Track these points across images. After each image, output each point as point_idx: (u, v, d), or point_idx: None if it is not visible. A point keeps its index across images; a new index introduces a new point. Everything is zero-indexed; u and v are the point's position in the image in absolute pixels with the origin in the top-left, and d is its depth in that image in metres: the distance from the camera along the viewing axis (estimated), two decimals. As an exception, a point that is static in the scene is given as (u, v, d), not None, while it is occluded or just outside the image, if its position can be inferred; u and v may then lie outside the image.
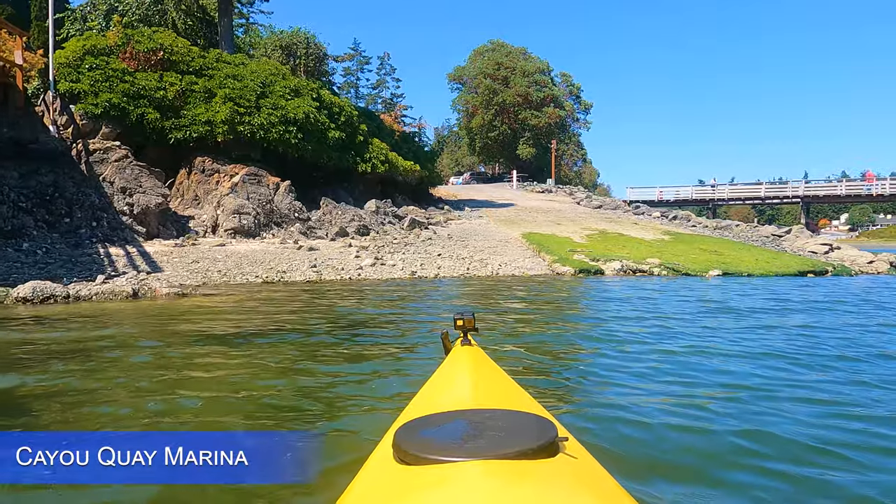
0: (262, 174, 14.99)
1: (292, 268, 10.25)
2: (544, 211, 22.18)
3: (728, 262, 12.37)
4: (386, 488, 0.92)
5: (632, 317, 6.26)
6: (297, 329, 5.23)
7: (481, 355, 1.68)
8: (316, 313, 6.23)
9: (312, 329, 5.25)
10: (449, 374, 1.56)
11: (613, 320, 6.01)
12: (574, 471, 0.92)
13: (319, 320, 5.75)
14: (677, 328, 5.54)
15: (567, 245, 14.22)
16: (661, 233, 17.47)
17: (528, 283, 10.09)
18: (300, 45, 28.98)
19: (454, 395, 1.33)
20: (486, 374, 1.50)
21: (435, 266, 11.29)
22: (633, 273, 11.74)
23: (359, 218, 15.89)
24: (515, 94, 47.75)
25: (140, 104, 14.61)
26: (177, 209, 14.88)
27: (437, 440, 0.96)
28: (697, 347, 4.58)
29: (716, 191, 48.09)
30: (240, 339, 4.70)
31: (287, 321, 5.63)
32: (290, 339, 4.77)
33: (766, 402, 3.09)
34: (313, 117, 16.21)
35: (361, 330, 5.28)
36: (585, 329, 5.67)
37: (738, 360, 4.16)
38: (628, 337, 5.01)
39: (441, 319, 5.62)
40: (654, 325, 5.64)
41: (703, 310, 6.86)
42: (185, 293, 7.19)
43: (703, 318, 6.24)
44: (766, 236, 17.87)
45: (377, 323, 5.74)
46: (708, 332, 5.33)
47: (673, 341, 4.85)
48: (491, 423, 1.02)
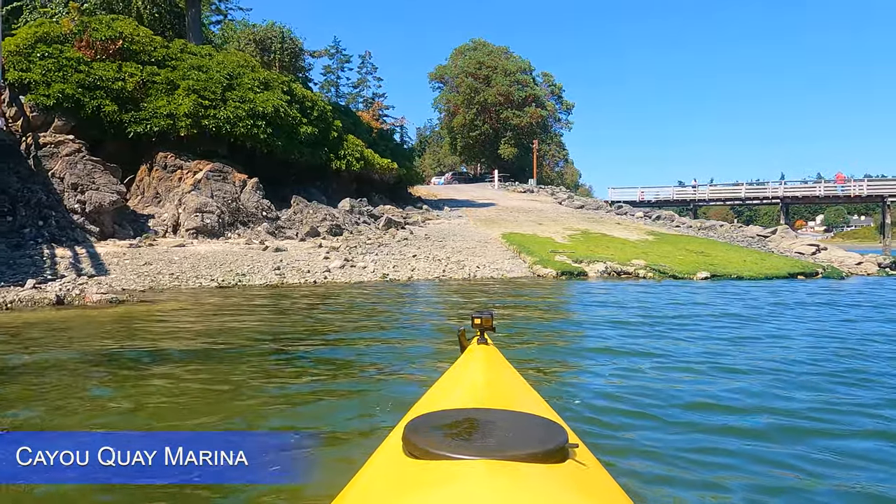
0: (228, 171, 14.17)
1: (254, 270, 9.49)
2: (525, 211, 21.60)
3: (716, 263, 11.85)
4: (393, 480, 0.91)
5: (629, 325, 5.65)
6: (225, 349, 4.41)
7: (497, 355, 1.66)
8: (261, 326, 5.45)
9: (244, 350, 4.41)
10: (463, 371, 1.54)
11: (609, 330, 5.40)
12: (581, 478, 0.90)
13: (259, 337, 4.95)
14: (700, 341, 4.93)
15: (549, 246, 13.62)
16: (644, 233, 16.96)
17: (508, 286, 9.45)
18: (275, 39, 28.08)
19: (467, 392, 1.32)
20: (500, 374, 1.49)
21: (409, 268, 10.59)
22: (618, 275, 11.16)
23: (331, 217, 15.14)
24: (497, 93, 47.37)
25: (96, 96, 13.71)
26: (136, 207, 14.01)
27: (447, 436, 0.94)
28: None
29: (696, 191, 48.19)
30: (146, 361, 3.90)
31: (222, 337, 4.84)
32: (208, 363, 3.93)
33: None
34: (283, 111, 15.42)
35: (303, 352, 4.37)
36: (577, 343, 5.01)
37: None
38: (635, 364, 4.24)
39: (385, 352, 4.48)
40: (665, 339, 5.02)
41: (727, 324, 6.07)
42: (121, 300, 6.41)
43: (724, 328, 5.58)
44: (752, 237, 17.46)
45: (323, 341, 4.93)
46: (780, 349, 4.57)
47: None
48: (502, 423, 1.01)
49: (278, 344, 4.70)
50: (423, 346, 4.70)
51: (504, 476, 0.81)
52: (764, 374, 3.78)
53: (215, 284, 8.46)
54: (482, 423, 1.01)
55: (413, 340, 4.94)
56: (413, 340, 4.94)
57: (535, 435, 0.95)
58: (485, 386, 1.35)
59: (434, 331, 5.45)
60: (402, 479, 0.89)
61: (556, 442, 0.92)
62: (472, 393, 1.30)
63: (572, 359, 4.36)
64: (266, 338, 4.93)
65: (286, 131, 15.73)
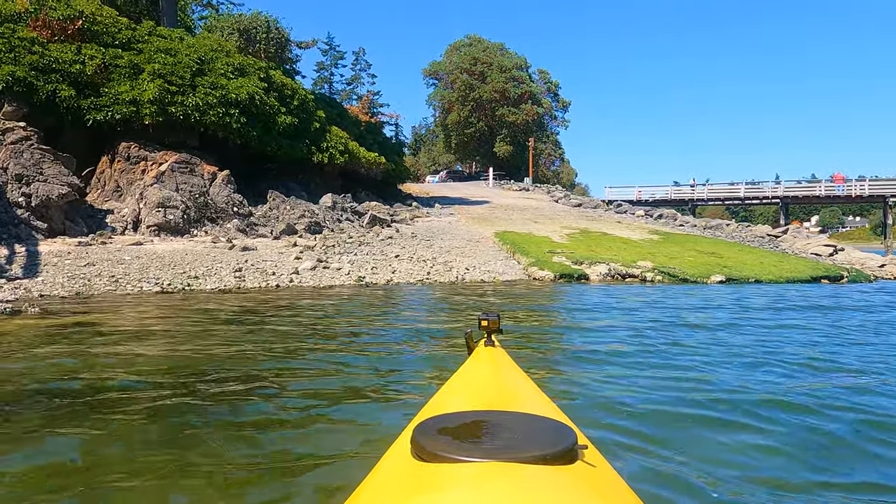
0: (196, 162, 12.99)
1: (210, 272, 8.33)
2: (520, 209, 20.48)
3: (730, 265, 10.74)
4: (402, 483, 0.89)
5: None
6: (104, 389, 3.02)
7: (504, 356, 1.64)
8: (156, 353, 3.93)
9: (135, 388, 3.05)
10: (470, 373, 1.52)
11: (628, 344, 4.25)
12: (591, 480, 0.87)
13: (165, 370, 3.45)
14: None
15: (545, 245, 12.50)
16: (647, 232, 15.86)
17: (499, 291, 8.32)
18: (260, 29, 26.85)
19: (475, 395, 1.31)
20: (507, 376, 1.47)
21: (389, 270, 9.44)
22: (623, 278, 10.04)
23: (310, 214, 13.99)
24: (492, 89, 46.38)
25: (51, 79, 12.51)
26: (95, 202, 12.82)
27: (455, 439, 0.92)
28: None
29: (695, 191, 47.35)
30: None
31: (85, 374, 3.34)
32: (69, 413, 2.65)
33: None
34: (259, 99, 14.24)
35: (198, 403, 2.84)
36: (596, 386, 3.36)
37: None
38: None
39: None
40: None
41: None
42: (19, 310, 5.25)
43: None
44: (762, 236, 16.38)
45: (237, 377, 3.35)
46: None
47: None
48: (510, 425, 0.98)
49: (170, 387, 3.11)
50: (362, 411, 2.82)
51: (513, 478, 0.80)
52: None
53: (158, 289, 7.28)
54: (490, 425, 0.99)
55: (356, 394, 3.05)
56: (356, 394, 3.05)
57: (544, 436, 0.92)
58: (492, 388, 1.36)
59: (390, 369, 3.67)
60: (410, 482, 0.87)
61: (565, 443, 0.89)
62: (480, 395, 1.29)
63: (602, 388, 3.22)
64: (151, 376, 3.34)
65: (262, 121, 14.56)
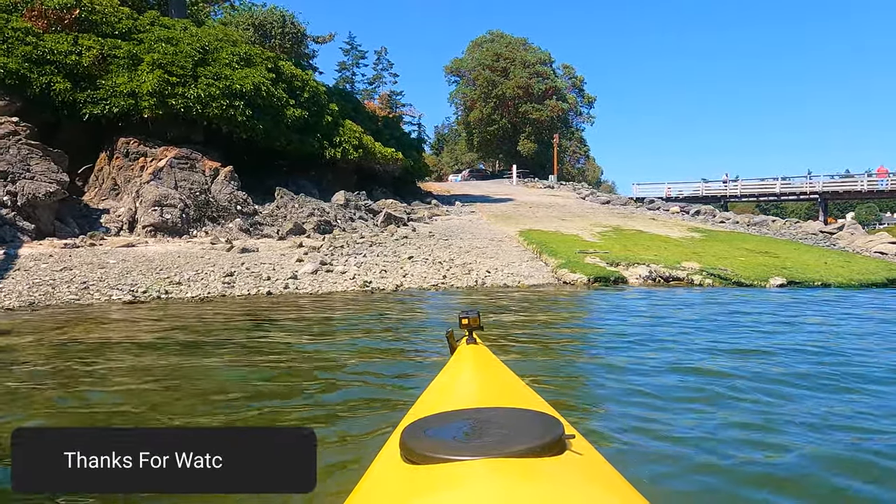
0: (197, 158, 12.13)
1: (198, 277, 7.38)
2: (546, 206, 19.29)
3: (789, 266, 9.45)
4: (394, 488, 0.89)
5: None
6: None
7: (487, 354, 1.63)
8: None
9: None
10: (454, 373, 1.51)
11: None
12: (581, 468, 0.89)
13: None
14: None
15: (576, 245, 11.33)
16: (687, 229, 14.55)
17: (524, 299, 7.20)
18: (275, 23, 26.16)
19: (460, 393, 1.30)
20: (491, 373, 1.46)
21: (400, 273, 8.40)
22: (667, 281, 8.84)
23: (321, 212, 13.03)
24: (515, 86, 45.15)
25: (46, 71, 11.77)
26: (91, 201, 12.05)
27: (444, 439, 0.92)
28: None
29: (727, 187, 45.24)
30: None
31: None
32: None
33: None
34: (266, 90, 13.33)
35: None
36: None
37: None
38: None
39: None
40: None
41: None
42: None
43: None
44: (814, 233, 14.96)
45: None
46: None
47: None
48: (497, 421, 0.98)
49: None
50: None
51: (505, 473, 0.80)
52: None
53: (129, 297, 6.36)
54: (478, 422, 0.98)
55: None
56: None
57: (532, 429, 0.93)
58: (477, 385, 1.34)
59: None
60: (402, 486, 0.86)
61: (553, 434, 0.90)
62: (466, 393, 1.28)
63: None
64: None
65: (270, 114, 13.65)
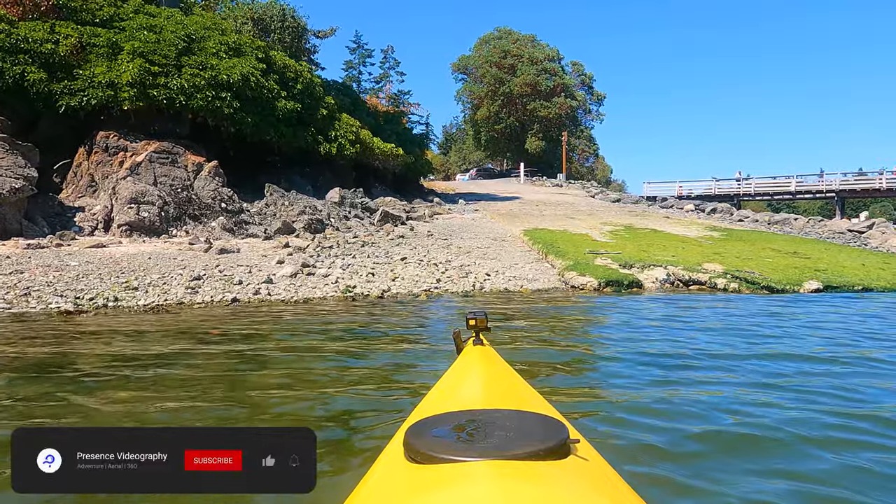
0: (179, 152, 11.37)
1: (159, 282, 6.60)
2: (554, 204, 18.40)
3: (822, 268, 8.53)
4: (396, 487, 0.89)
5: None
6: None
7: (493, 355, 1.62)
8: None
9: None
10: (460, 373, 1.51)
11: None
12: (585, 473, 0.88)
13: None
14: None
15: (585, 245, 10.46)
16: (704, 228, 13.63)
17: (527, 307, 6.36)
18: (275, 17, 25.41)
19: (465, 394, 1.30)
20: (497, 374, 1.45)
21: (389, 277, 7.57)
22: (686, 285, 7.96)
23: (312, 210, 12.23)
24: (523, 83, 44.21)
25: (19, 61, 11.06)
26: (68, 198, 11.32)
27: (448, 439, 0.91)
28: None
29: (741, 185, 43.90)
30: None
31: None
32: None
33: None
34: (255, 81, 12.56)
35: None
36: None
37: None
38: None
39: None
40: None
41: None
42: None
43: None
44: (841, 232, 14.00)
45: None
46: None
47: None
48: (501, 423, 0.97)
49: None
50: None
51: (508, 476, 0.79)
52: None
53: (71, 307, 5.58)
54: (482, 423, 0.98)
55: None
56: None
57: (537, 432, 0.92)
58: (483, 386, 1.34)
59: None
60: (405, 485, 0.86)
61: (557, 438, 0.89)
62: (471, 394, 1.28)
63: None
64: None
65: (260, 106, 12.88)
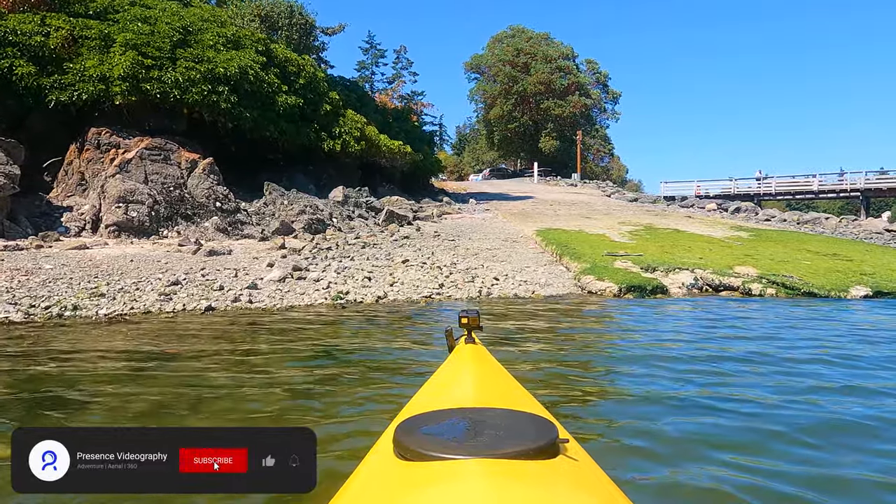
0: (172, 148, 10.80)
1: (131, 288, 5.99)
2: (568, 203, 17.63)
3: (869, 272, 7.70)
4: (386, 483, 0.89)
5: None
6: None
7: (485, 354, 1.63)
8: None
9: None
10: (452, 371, 1.51)
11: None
12: (573, 473, 0.89)
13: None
14: None
15: (602, 246, 9.71)
16: (730, 228, 12.80)
17: (539, 317, 5.66)
18: (282, 14, 24.93)
19: (456, 392, 1.30)
20: (488, 373, 1.46)
21: (387, 281, 6.90)
22: (716, 290, 7.20)
23: (313, 209, 11.61)
24: (537, 81, 43.40)
25: (7, 54, 10.57)
26: (56, 198, 10.81)
27: (438, 437, 0.92)
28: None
29: (762, 184, 42.57)
30: None
31: None
32: None
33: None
34: (254, 74, 11.97)
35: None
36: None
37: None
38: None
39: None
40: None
41: None
42: None
43: None
44: (879, 232, 13.10)
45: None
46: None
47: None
48: (492, 421, 0.99)
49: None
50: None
51: (497, 474, 0.80)
52: None
53: (21, 317, 4.98)
54: (473, 422, 0.99)
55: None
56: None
57: (526, 432, 0.93)
58: (474, 385, 1.33)
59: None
60: (394, 482, 0.86)
61: (546, 438, 0.90)
62: (462, 392, 1.27)
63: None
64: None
65: (259, 101, 12.30)
